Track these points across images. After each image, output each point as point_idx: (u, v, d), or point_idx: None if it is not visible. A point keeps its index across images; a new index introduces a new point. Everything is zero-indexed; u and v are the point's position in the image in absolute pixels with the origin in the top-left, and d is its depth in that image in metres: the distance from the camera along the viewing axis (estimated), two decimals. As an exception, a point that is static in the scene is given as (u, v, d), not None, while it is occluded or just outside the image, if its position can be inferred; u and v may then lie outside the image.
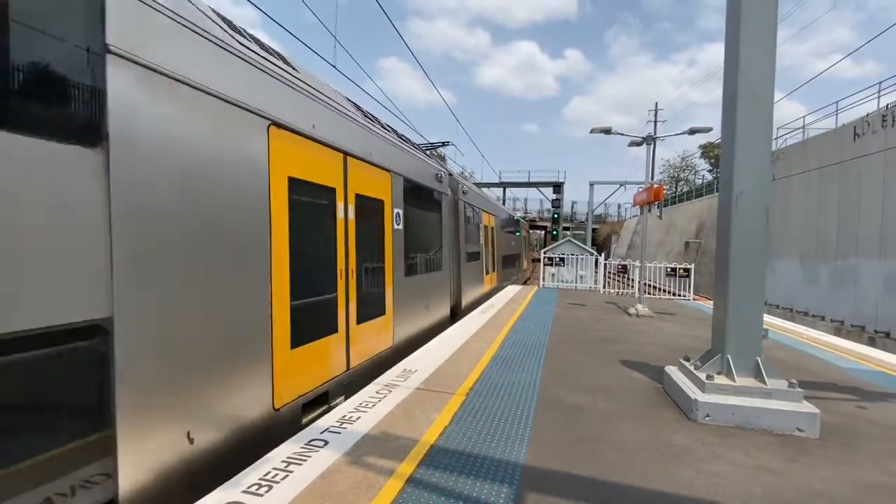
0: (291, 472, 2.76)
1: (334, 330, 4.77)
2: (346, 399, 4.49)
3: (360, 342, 5.31)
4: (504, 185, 38.97)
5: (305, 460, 2.90)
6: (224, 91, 3.21)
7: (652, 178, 12.65)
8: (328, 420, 3.55)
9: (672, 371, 4.52)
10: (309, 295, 4.28)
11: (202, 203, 3.04)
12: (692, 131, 11.84)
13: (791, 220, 17.19)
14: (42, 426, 2.24)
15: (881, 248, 12.76)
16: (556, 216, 33.37)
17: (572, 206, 50.01)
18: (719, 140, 4.32)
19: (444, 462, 2.96)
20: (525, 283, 25.28)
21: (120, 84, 2.45)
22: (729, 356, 3.96)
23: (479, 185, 26.26)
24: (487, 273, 13.42)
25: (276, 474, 2.72)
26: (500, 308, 9.94)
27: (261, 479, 2.67)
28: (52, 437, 2.24)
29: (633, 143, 12.64)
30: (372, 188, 5.72)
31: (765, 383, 3.78)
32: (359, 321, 5.28)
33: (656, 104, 36.93)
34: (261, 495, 2.50)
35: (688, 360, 4.39)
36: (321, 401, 4.51)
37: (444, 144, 9.36)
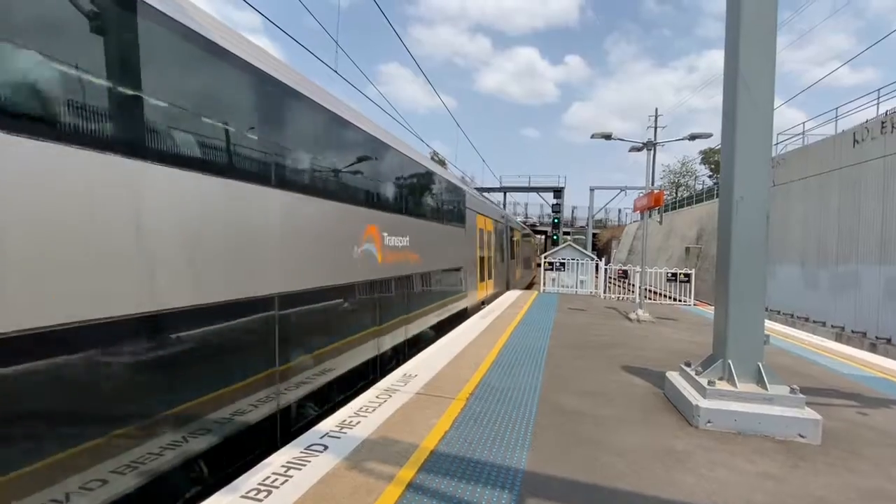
0: (291, 476, 2.75)
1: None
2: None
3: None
4: (504, 190, 39.06)
5: (305, 465, 2.89)
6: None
7: (652, 184, 12.67)
8: (328, 424, 3.54)
9: (673, 376, 4.51)
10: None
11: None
12: (692, 137, 11.89)
13: (791, 225, 17.19)
14: None
15: (881, 254, 12.74)
16: (556, 221, 33.41)
17: (573, 212, 50.03)
18: (719, 146, 4.34)
19: (444, 467, 2.95)
20: (530, 286, 25.60)
21: None
22: (730, 362, 3.95)
23: (480, 189, 26.38)
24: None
25: (276, 479, 2.71)
26: (500, 313, 9.93)
27: (260, 483, 2.66)
28: None
29: (633, 149, 12.67)
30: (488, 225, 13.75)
31: (766, 389, 3.77)
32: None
33: (656, 110, 37.12)
34: (260, 500, 2.49)
35: (689, 365, 4.38)
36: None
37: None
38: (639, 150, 12.53)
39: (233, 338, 3.52)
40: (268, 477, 2.73)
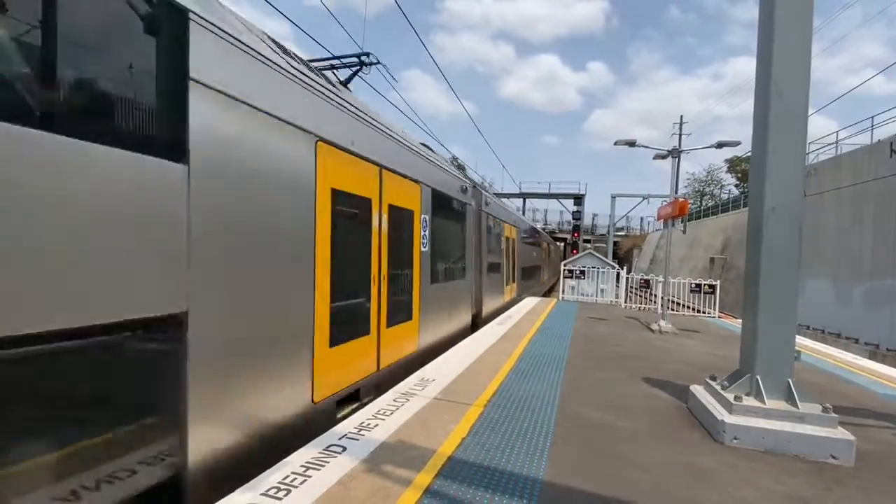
0: (310, 476, 2.77)
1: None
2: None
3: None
4: (524, 196, 38.83)
5: (324, 465, 2.91)
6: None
7: (676, 192, 12.42)
8: (346, 426, 3.56)
9: (697, 390, 4.39)
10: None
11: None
12: (720, 145, 11.62)
13: (823, 238, 16.61)
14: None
15: (920, 270, 12.20)
16: (576, 227, 33.08)
17: (593, 219, 49.49)
18: (747, 154, 4.24)
19: (461, 474, 2.93)
20: (549, 291, 25.47)
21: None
22: (758, 377, 3.83)
23: (499, 195, 26.25)
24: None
25: (295, 478, 2.74)
26: (517, 320, 9.85)
27: (280, 482, 2.69)
28: None
29: (658, 156, 12.45)
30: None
31: (797, 407, 3.63)
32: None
33: (681, 117, 36.34)
34: (280, 499, 2.52)
35: (714, 379, 4.25)
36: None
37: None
38: (663, 157, 12.30)
39: None
40: (287, 476, 2.76)
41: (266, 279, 3.37)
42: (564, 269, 15.83)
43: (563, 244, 46.00)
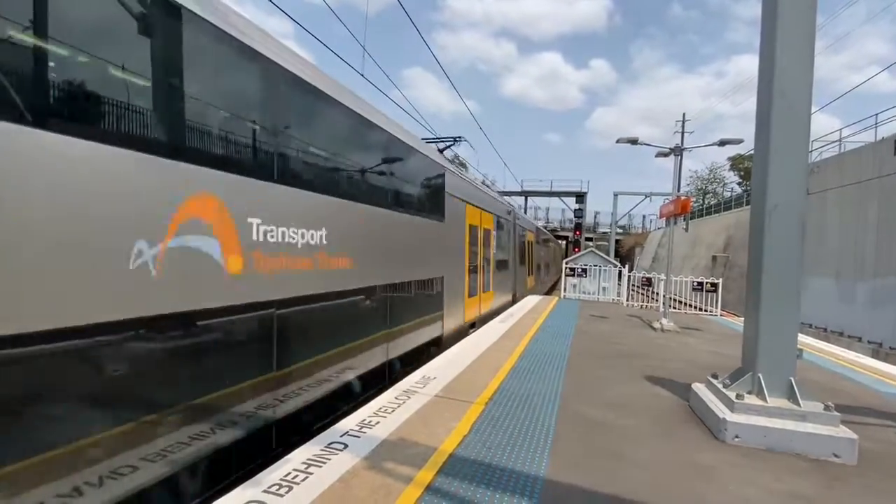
0: (311, 473, 2.78)
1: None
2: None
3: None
4: (526, 194, 38.79)
5: (325, 463, 2.92)
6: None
7: (678, 190, 12.39)
8: (348, 423, 3.57)
9: (699, 388, 4.39)
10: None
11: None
12: (722, 143, 11.58)
13: (826, 236, 16.55)
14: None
15: (924, 268, 12.14)
16: (578, 225, 33.03)
17: (595, 217, 49.35)
18: (750, 152, 4.22)
19: (462, 471, 2.94)
20: (551, 290, 26.07)
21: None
22: (760, 375, 3.82)
23: (502, 193, 26.38)
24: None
25: (297, 475, 2.75)
26: (519, 318, 9.85)
27: (281, 479, 2.70)
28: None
29: (660, 154, 12.42)
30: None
31: (799, 405, 3.62)
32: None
33: (684, 115, 36.28)
34: (281, 496, 2.53)
35: (716, 377, 4.25)
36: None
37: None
38: (665, 155, 12.27)
39: None
40: (289, 473, 2.77)
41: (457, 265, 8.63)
42: (566, 268, 15.82)
43: (564, 242, 45.95)
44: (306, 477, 2.73)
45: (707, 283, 12.88)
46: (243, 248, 3.35)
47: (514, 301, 14.23)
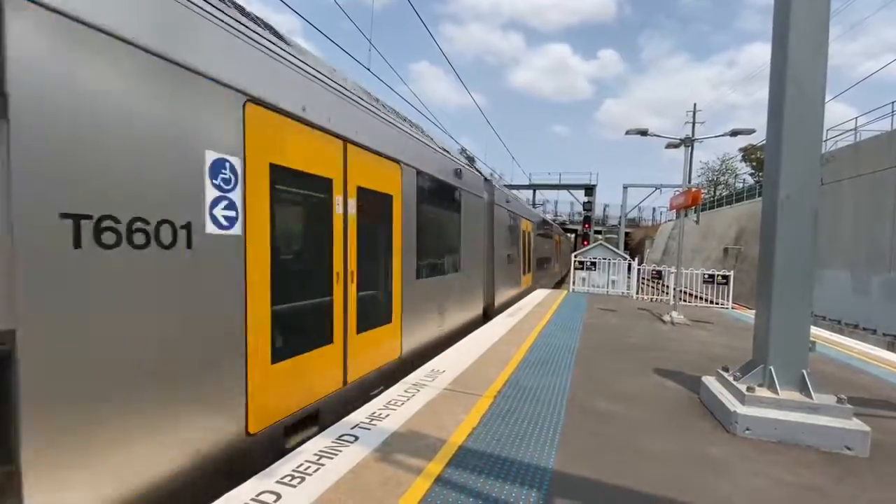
0: (323, 465, 2.82)
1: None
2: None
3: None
4: (534, 188, 38.58)
5: (336, 454, 2.96)
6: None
7: (689, 182, 12.23)
8: (358, 416, 3.62)
9: (709, 381, 4.37)
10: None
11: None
12: (734, 133, 11.39)
13: (840, 227, 16.26)
14: None
15: (942, 259, 11.89)
16: (587, 218, 32.83)
17: (604, 210, 48.97)
18: (762, 142, 4.16)
19: (472, 463, 2.96)
20: (560, 283, 26.07)
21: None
22: (772, 368, 3.79)
23: (510, 186, 26.33)
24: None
25: (309, 467, 2.79)
26: (527, 312, 9.84)
27: (294, 470, 2.75)
28: None
29: (670, 145, 12.26)
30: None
31: (811, 398, 3.60)
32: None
33: (695, 105, 35.70)
34: (294, 486, 2.57)
35: (727, 370, 4.22)
36: None
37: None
38: (676, 146, 12.11)
39: None
40: (301, 464, 2.82)
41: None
42: (575, 261, 15.74)
43: (573, 235, 45.67)
44: (318, 468, 2.78)
45: (718, 275, 12.74)
46: None
47: (561, 282, 18.04)
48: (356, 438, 3.21)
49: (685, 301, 12.34)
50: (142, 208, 2.38)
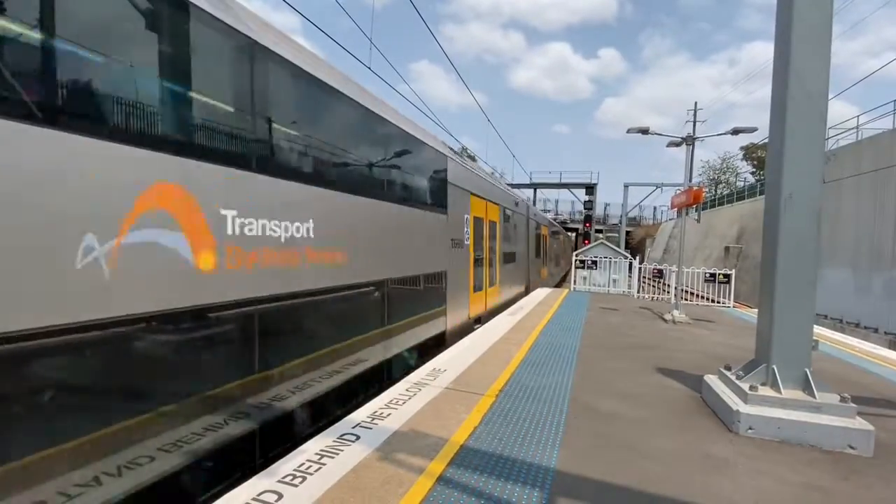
0: (324, 464, 2.82)
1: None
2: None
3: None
4: (535, 186, 38.48)
5: (338, 454, 2.96)
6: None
7: (690, 180, 12.22)
8: (360, 415, 3.61)
9: (712, 380, 4.35)
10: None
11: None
12: (736, 131, 11.36)
13: (842, 226, 16.23)
14: None
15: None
16: (588, 217, 32.78)
17: (605, 209, 48.89)
18: (763, 141, 4.14)
19: (474, 462, 2.95)
20: (561, 282, 26.65)
21: None
22: (774, 367, 3.77)
23: (512, 185, 26.42)
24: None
25: (310, 466, 2.79)
26: (529, 311, 9.83)
27: (295, 469, 2.74)
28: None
29: (671, 144, 12.23)
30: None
31: (814, 397, 3.58)
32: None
33: (696, 104, 35.70)
34: (295, 485, 2.57)
35: (729, 369, 4.21)
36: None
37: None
38: (677, 145, 12.08)
39: None
40: (302, 464, 2.81)
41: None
42: (576, 260, 15.72)
43: (574, 234, 45.62)
44: (319, 468, 2.77)
45: (720, 274, 12.72)
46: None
47: (564, 280, 21.22)
48: (357, 438, 3.20)
49: (686, 300, 12.31)
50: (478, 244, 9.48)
